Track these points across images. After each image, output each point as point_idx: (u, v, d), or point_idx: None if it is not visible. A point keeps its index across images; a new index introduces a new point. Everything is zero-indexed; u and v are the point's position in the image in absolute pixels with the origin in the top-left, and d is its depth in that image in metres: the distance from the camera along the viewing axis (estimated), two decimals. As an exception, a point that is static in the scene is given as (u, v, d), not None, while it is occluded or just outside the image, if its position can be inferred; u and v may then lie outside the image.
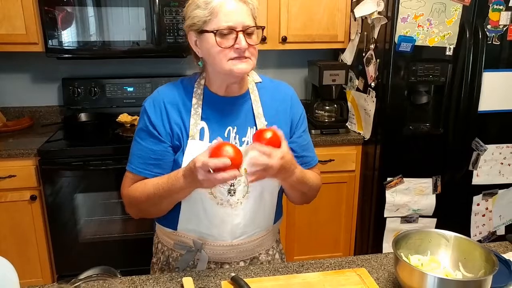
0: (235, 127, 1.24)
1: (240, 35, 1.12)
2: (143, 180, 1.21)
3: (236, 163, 0.99)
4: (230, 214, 1.21)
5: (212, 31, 1.13)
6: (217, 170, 0.99)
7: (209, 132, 1.22)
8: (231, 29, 1.12)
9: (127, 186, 1.24)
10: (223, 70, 1.18)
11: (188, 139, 1.20)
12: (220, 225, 1.22)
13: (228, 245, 1.25)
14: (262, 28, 1.18)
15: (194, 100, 1.23)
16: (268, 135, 1.08)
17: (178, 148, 1.21)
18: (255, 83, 1.31)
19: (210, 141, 1.21)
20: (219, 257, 1.26)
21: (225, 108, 1.25)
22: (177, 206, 1.22)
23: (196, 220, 1.22)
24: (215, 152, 1.00)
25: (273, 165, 1.04)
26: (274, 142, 1.07)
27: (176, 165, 1.20)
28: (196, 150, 1.17)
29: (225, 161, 0.98)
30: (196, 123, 1.21)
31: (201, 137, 1.21)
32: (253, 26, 1.15)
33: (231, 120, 1.24)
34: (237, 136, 1.24)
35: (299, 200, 1.32)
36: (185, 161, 1.18)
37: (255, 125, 1.25)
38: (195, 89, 1.25)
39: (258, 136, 1.09)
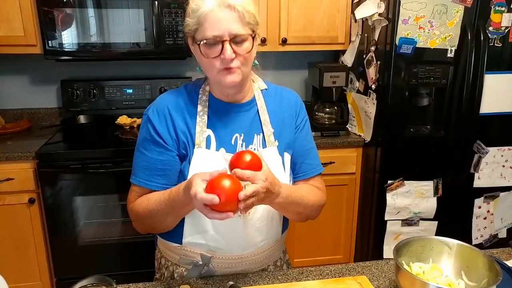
0: (242, 134, 1.20)
1: (226, 44, 1.06)
2: (146, 195, 1.17)
3: (231, 198, 0.94)
4: (238, 225, 1.16)
5: (198, 42, 1.10)
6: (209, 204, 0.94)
7: (216, 140, 1.18)
8: (217, 39, 1.07)
9: (132, 200, 1.19)
10: (213, 81, 1.16)
11: (194, 148, 1.16)
12: (229, 236, 1.17)
13: (237, 257, 1.21)
14: (253, 36, 1.10)
15: (199, 107, 1.19)
16: (248, 157, 1.03)
17: (184, 157, 1.17)
18: (261, 90, 1.27)
19: (217, 149, 1.17)
20: (228, 270, 1.21)
21: (231, 115, 1.21)
22: (182, 219, 1.17)
23: (203, 232, 1.17)
24: (211, 185, 0.95)
25: (259, 189, 0.99)
26: (254, 165, 1.03)
27: (182, 175, 1.16)
28: (202, 158, 1.14)
29: (213, 198, 0.92)
30: (202, 130, 1.17)
31: (208, 145, 1.17)
32: (242, 34, 1.08)
33: (237, 127, 1.21)
34: (244, 144, 1.20)
35: (297, 219, 1.26)
36: (191, 170, 1.14)
37: (262, 132, 1.22)
38: (200, 96, 1.21)
39: (237, 160, 1.03)
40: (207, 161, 1.14)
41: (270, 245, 1.26)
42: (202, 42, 1.09)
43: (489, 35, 2.17)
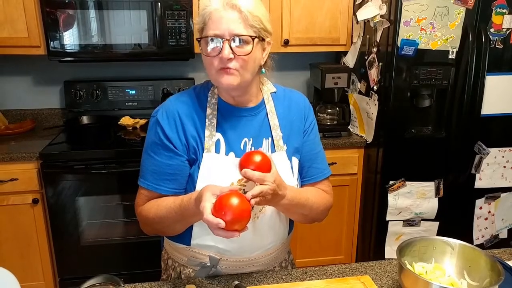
0: (251, 139, 1.19)
1: (225, 44, 1.06)
2: (156, 200, 1.16)
3: (239, 217, 0.94)
4: (247, 228, 1.16)
5: (200, 39, 1.11)
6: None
7: (225, 144, 1.17)
8: (218, 38, 1.07)
9: (141, 203, 1.19)
10: (212, 81, 1.15)
11: (203, 152, 1.15)
12: (238, 239, 1.13)
13: (245, 260, 1.21)
14: (253, 38, 1.08)
15: (208, 110, 1.18)
16: (257, 158, 1.04)
17: (193, 161, 1.16)
18: (270, 93, 1.26)
19: (226, 153, 1.17)
20: (235, 272, 1.21)
21: (240, 119, 1.20)
22: None
23: (211, 235, 1.13)
24: (219, 203, 0.94)
25: (267, 190, 1.00)
26: (264, 165, 1.03)
27: (191, 180, 1.16)
28: (212, 163, 1.14)
29: (218, 223, 0.92)
30: (212, 134, 1.16)
31: (217, 150, 1.16)
32: (243, 35, 1.07)
33: (246, 131, 1.19)
34: (253, 148, 1.20)
35: (302, 221, 1.26)
36: (201, 175, 1.14)
37: (271, 136, 1.21)
38: (209, 99, 1.20)
39: (247, 160, 1.04)
40: (217, 165, 1.14)
41: (277, 247, 1.27)
42: (203, 40, 1.10)
43: (490, 36, 2.18)
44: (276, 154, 1.20)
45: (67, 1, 2.23)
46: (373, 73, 2.34)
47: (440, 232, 2.40)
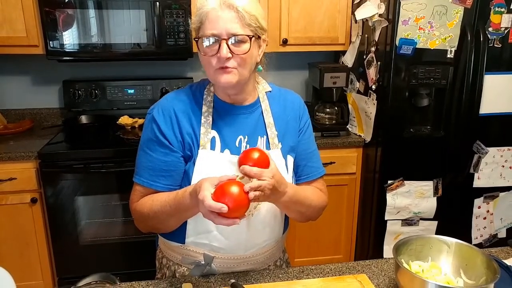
0: (246, 136, 1.20)
1: (223, 43, 1.07)
2: (151, 196, 1.17)
3: (240, 204, 0.95)
4: (242, 226, 1.16)
5: (197, 38, 1.12)
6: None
7: (220, 141, 1.18)
8: (215, 37, 1.08)
9: (135, 200, 1.19)
10: (211, 80, 1.16)
11: (199, 149, 1.16)
12: (232, 237, 1.17)
13: (239, 258, 1.21)
14: (250, 37, 1.09)
15: (204, 108, 1.19)
16: (255, 155, 1.04)
17: (189, 158, 1.17)
18: (265, 92, 1.27)
19: (222, 150, 1.17)
20: (230, 270, 1.22)
21: (235, 117, 1.21)
22: None
23: (206, 232, 1.17)
24: (220, 191, 0.95)
25: (265, 185, 1.00)
26: (262, 162, 1.04)
27: (187, 176, 1.16)
28: (207, 160, 1.14)
29: (222, 207, 0.93)
30: (207, 132, 1.17)
31: (212, 147, 1.17)
32: (240, 34, 1.08)
33: (241, 129, 1.21)
34: (248, 146, 1.20)
35: (298, 219, 1.27)
36: (196, 171, 1.15)
37: (266, 134, 1.22)
38: (205, 96, 1.21)
39: (245, 157, 1.05)
40: (212, 162, 1.15)
41: (272, 246, 1.27)
42: (200, 39, 1.11)
43: (489, 35, 2.18)
44: (271, 152, 1.21)
45: (66, 0, 2.23)
46: (372, 73, 2.34)
47: (438, 232, 2.40)
